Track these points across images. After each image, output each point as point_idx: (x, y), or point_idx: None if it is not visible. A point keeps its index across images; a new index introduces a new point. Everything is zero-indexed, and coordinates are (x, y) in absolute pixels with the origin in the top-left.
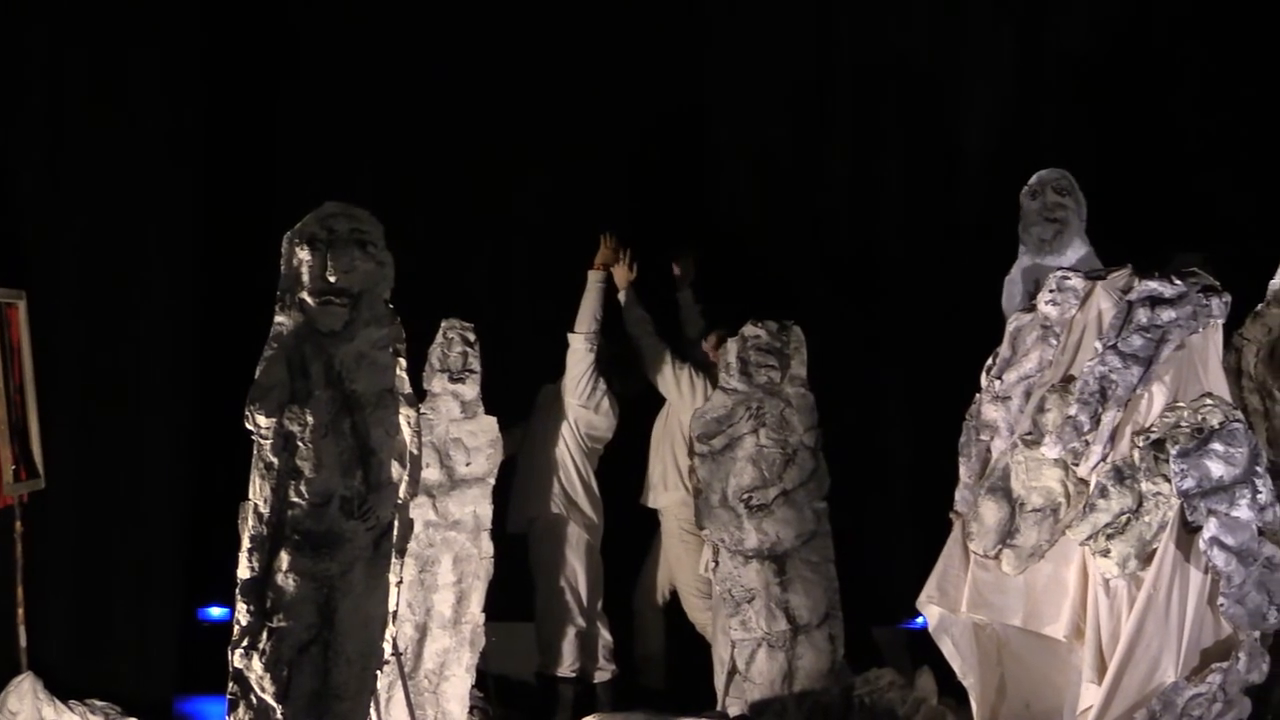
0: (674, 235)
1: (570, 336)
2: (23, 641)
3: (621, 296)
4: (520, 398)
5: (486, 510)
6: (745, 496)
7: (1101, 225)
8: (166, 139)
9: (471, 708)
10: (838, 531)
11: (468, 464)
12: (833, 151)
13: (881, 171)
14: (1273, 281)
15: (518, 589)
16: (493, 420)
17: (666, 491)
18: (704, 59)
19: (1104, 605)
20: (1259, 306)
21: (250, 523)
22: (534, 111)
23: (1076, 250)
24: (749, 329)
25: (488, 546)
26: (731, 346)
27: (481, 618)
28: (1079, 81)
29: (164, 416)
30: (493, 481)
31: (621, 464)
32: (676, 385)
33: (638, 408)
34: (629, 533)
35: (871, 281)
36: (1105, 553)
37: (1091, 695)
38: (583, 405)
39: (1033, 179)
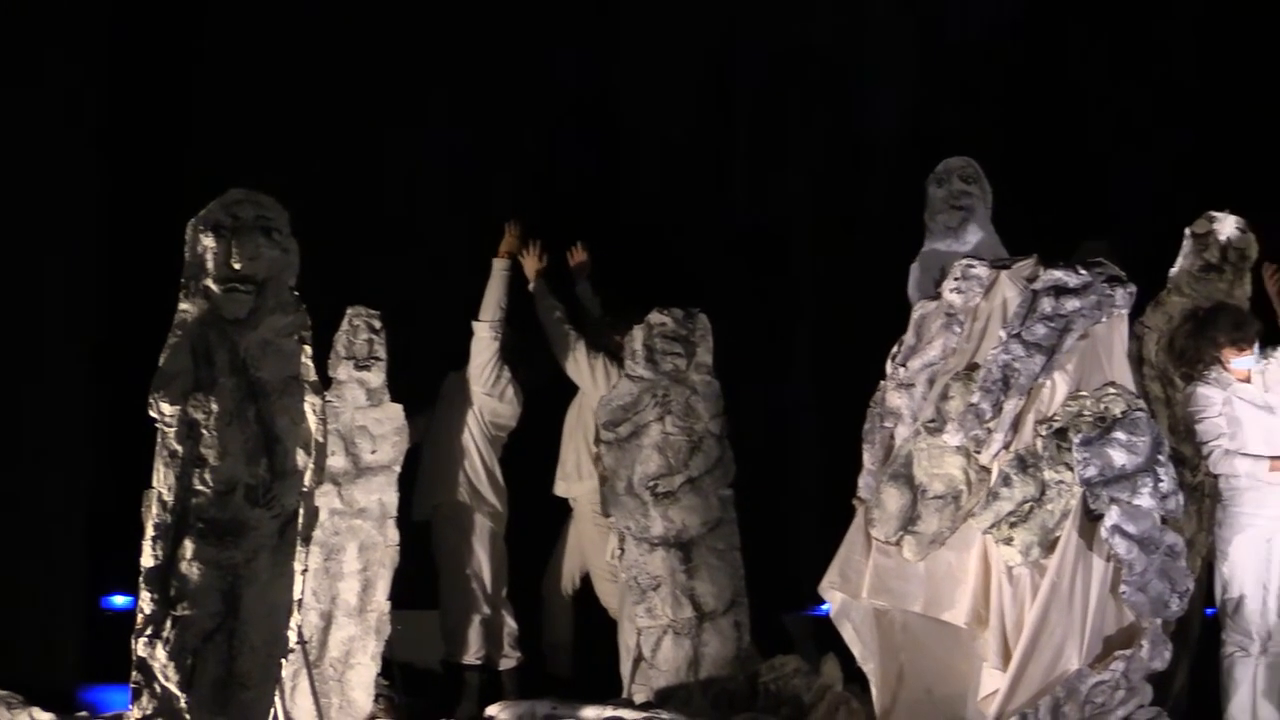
0: (581, 223)
1: (475, 325)
2: None
3: (532, 286)
4: (426, 385)
5: (392, 498)
6: (651, 484)
7: (1007, 213)
8: (68, 122)
9: (377, 696)
10: (743, 519)
11: (373, 451)
12: (739, 139)
13: (787, 159)
14: (1173, 270)
15: (423, 577)
16: (398, 408)
17: (580, 480)
18: (610, 46)
19: (1007, 593)
20: (1160, 295)
21: (154, 511)
22: (439, 97)
23: (982, 237)
24: (655, 316)
25: (393, 534)
26: (637, 334)
27: (387, 606)
28: (984, 68)
29: (66, 403)
30: (398, 469)
31: (527, 452)
32: (591, 374)
33: (543, 396)
34: (535, 520)
35: (777, 269)
36: (1008, 541)
37: (994, 681)
38: (487, 393)
39: (939, 166)
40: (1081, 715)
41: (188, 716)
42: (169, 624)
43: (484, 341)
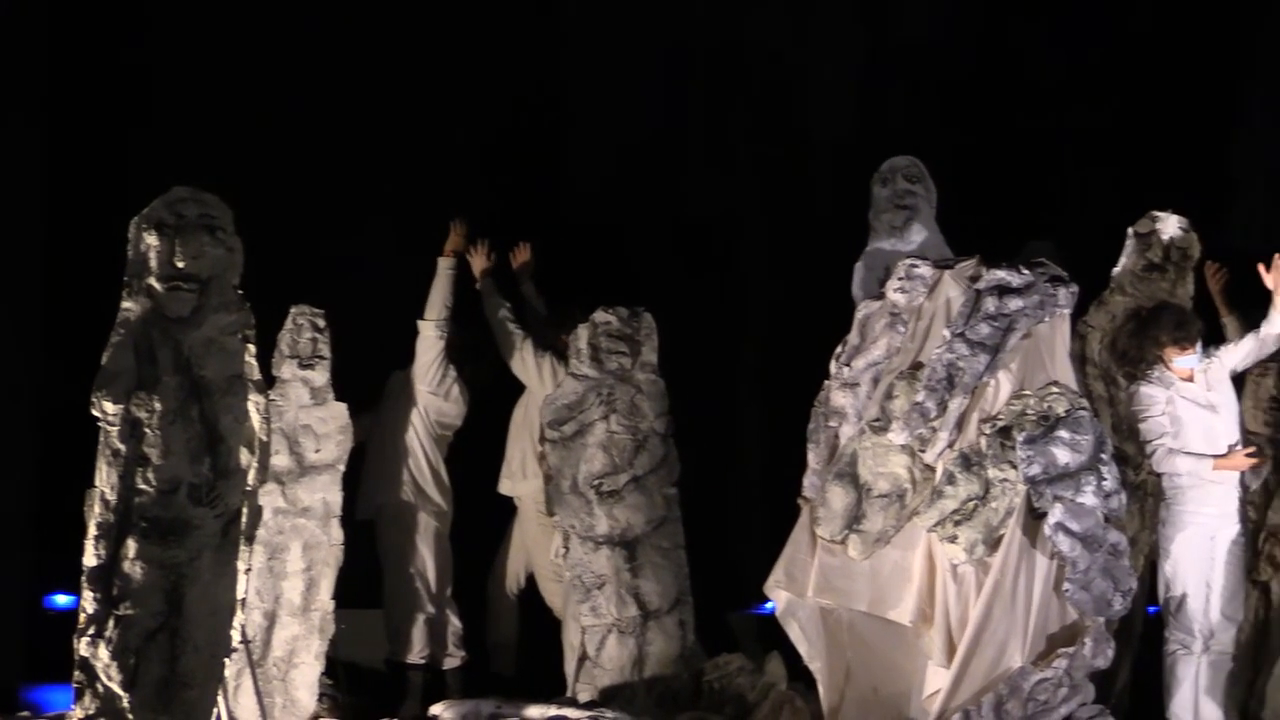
0: (527, 222)
1: (420, 323)
2: None
3: (478, 285)
4: (371, 384)
5: (336, 497)
6: (596, 483)
7: (952, 213)
8: (9, 120)
9: (320, 695)
10: (688, 517)
11: (317, 450)
12: (686, 138)
13: (733, 158)
14: (1116, 269)
15: (367, 576)
16: (342, 407)
17: (526, 479)
18: (557, 45)
19: (952, 591)
20: (1103, 294)
21: (97, 510)
22: (386, 95)
23: (926, 237)
24: (600, 315)
25: (337, 533)
26: (582, 332)
27: (331, 605)
28: (929, 68)
29: (9, 402)
30: (342, 468)
31: (472, 451)
32: (537, 373)
33: (488, 395)
34: (480, 520)
35: (723, 268)
36: (953, 539)
37: (939, 679)
38: (433, 392)
39: (883, 166)
40: (1024, 713)
41: (130, 716)
42: (112, 623)
43: (429, 340)
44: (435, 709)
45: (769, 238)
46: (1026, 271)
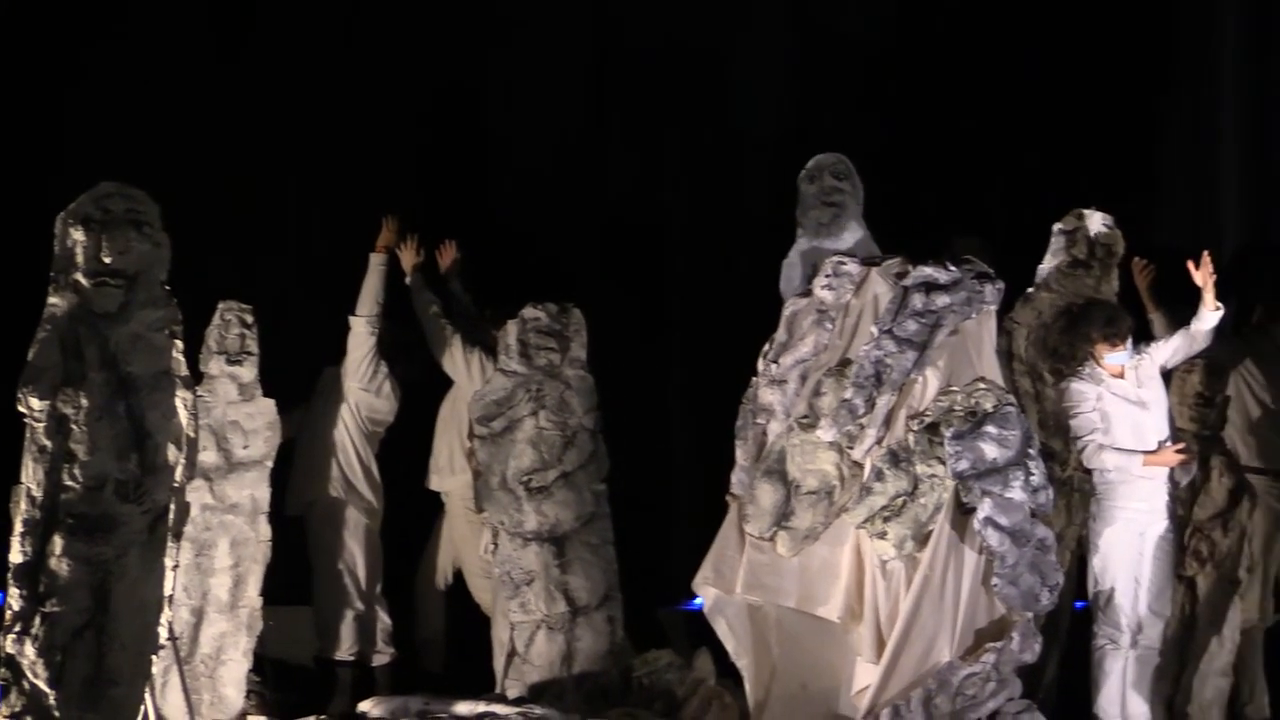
0: (457, 218)
1: (352, 319)
2: None
3: (409, 280)
4: (301, 380)
5: (264, 493)
6: (525, 479)
7: (880, 210)
8: None
9: (248, 692)
10: (617, 513)
11: (245, 447)
12: (615, 135)
13: (662, 155)
14: (1041, 266)
15: (296, 572)
16: (270, 403)
17: (453, 475)
18: (486, 41)
19: (881, 587)
20: (1029, 290)
21: (23, 506)
22: (315, 91)
23: (854, 234)
24: (528, 311)
25: (265, 530)
26: (511, 328)
27: (259, 602)
28: (858, 65)
29: None
30: (270, 464)
31: (403, 447)
32: (466, 369)
33: (420, 391)
34: (411, 516)
35: (651, 264)
36: (882, 535)
37: (868, 676)
38: (364, 388)
39: (810, 163)
40: (952, 707)
41: (57, 714)
42: (38, 620)
43: (360, 336)
44: (364, 706)
45: (697, 234)
46: (953, 268)
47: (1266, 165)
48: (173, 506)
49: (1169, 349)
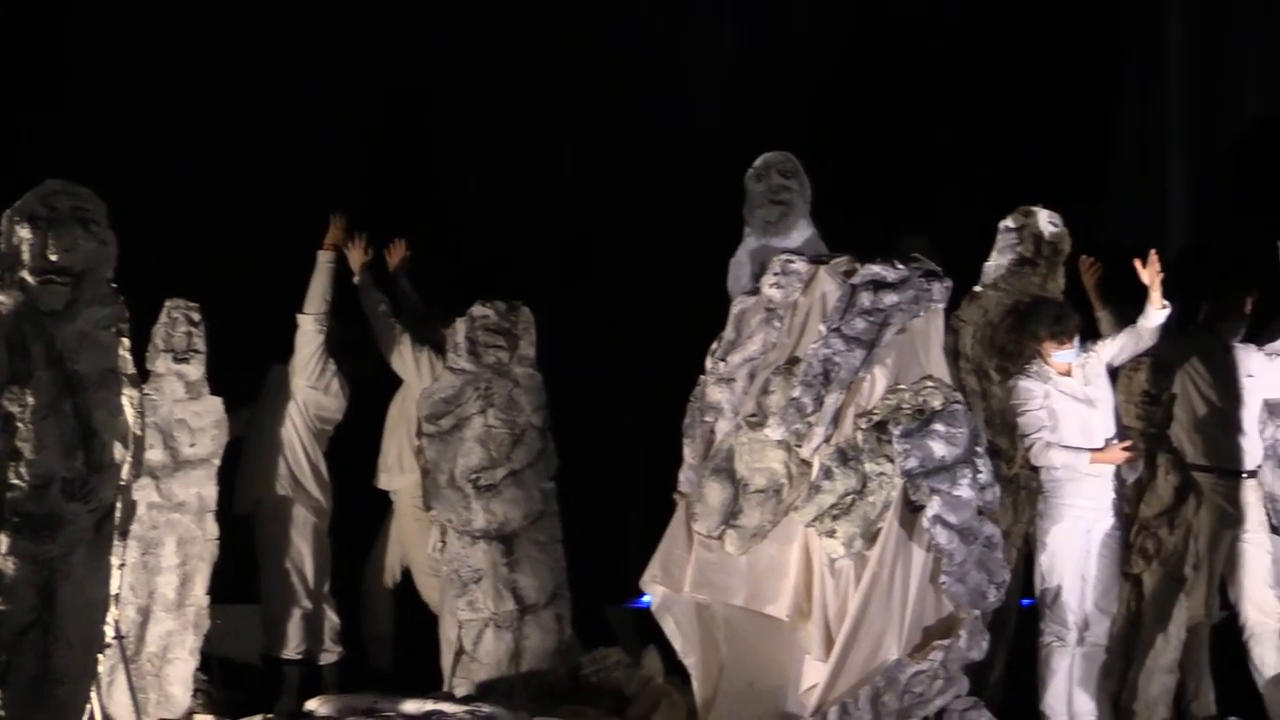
0: (405, 217)
1: (300, 317)
2: None
3: (357, 279)
4: (249, 378)
5: (211, 492)
6: (473, 477)
7: (829, 208)
8: None
9: (195, 691)
10: (566, 511)
11: (192, 445)
12: (563, 133)
13: (611, 153)
14: (988, 264)
15: (244, 571)
16: (217, 401)
17: (402, 473)
18: (434, 38)
19: (830, 585)
20: (976, 288)
21: None
22: (262, 88)
23: (802, 232)
24: (477, 309)
25: (212, 528)
26: (460, 326)
27: (205, 600)
28: (807, 63)
29: None
30: (218, 463)
31: (352, 446)
32: (415, 367)
33: (369, 390)
34: (359, 515)
35: (600, 263)
36: (831, 533)
37: (816, 674)
38: (312, 386)
39: (757, 161)
40: (900, 705)
41: (3, 713)
42: None
43: (309, 334)
44: (311, 704)
45: (645, 232)
46: (901, 266)
47: (1213, 164)
48: (119, 505)
49: (1115, 347)
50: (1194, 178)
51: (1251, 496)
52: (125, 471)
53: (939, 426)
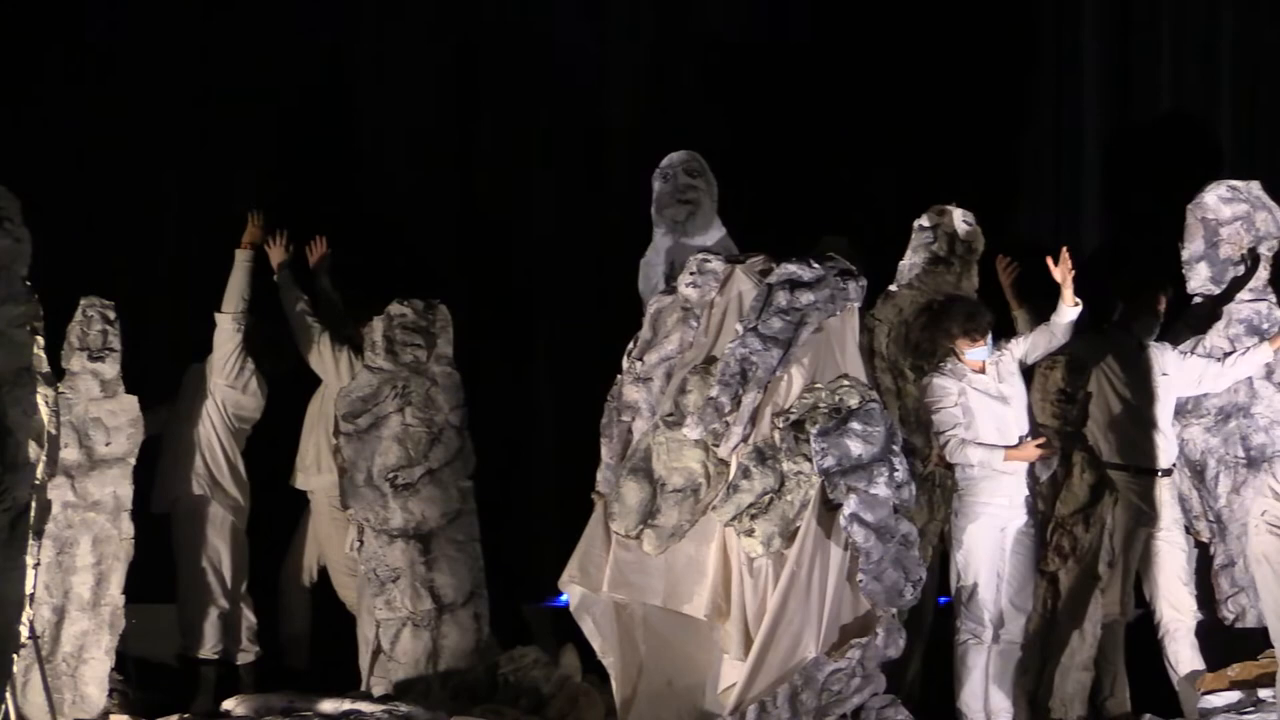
0: (325, 215)
1: (218, 316)
2: None
3: (276, 277)
4: (165, 377)
5: (127, 491)
6: (391, 476)
7: (748, 208)
8: None
9: (110, 691)
10: (483, 510)
11: (107, 444)
12: (480, 131)
13: (528, 151)
14: (903, 262)
15: (160, 570)
16: (133, 399)
17: (320, 473)
18: (352, 35)
19: (748, 584)
20: (890, 287)
21: None
22: (180, 85)
23: (717, 231)
24: (395, 307)
25: (128, 528)
26: (377, 325)
27: (121, 600)
28: (722, 62)
29: None
30: (133, 461)
31: (270, 445)
32: (334, 366)
33: (287, 388)
34: (277, 514)
35: (517, 261)
36: (750, 532)
37: (734, 673)
38: (230, 385)
39: (663, 161)
40: (818, 703)
41: None
42: None
43: (227, 333)
44: (228, 704)
45: (562, 231)
46: (817, 265)
47: (1127, 162)
48: (34, 504)
49: (1029, 344)
50: (1108, 175)
51: (1166, 494)
52: (40, 471)
53: (856, 425)
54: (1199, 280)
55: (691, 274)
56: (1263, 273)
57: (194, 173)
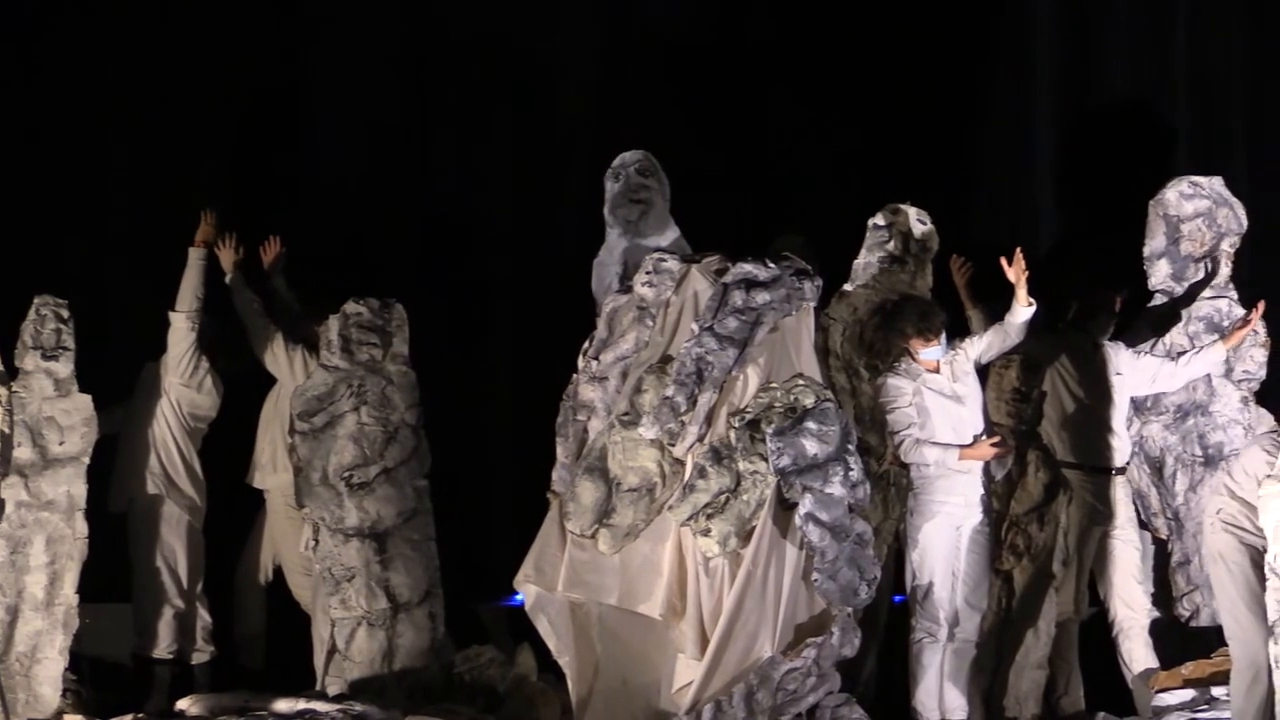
0: (280, 214)
1: (171, 315)
2: None
3: (229, 278)
4: (119, 376)
5: (81, 490)
6: (346, 475)
7: (703, 208)
8: None
9: (65, 690)
10: (439, 509)
11: (61, 443)
12: (435, 130)
13: (484, 150)
14: (856, 262)
15: (115, 569)
16: (87, 398)
17: (275, 472)
18: (304, 35)
19: (704, 584)
20: (845, 286)
21: None
22: (133, 83)
23: (673, 231)
24: (350, 306)
25: (82, 527)
26: (333, 324)
27: (75, 599)
28: (677, 62)
29: None
30: (87, 460)
31: (225, 444)
32: (289, 366)
33: (243, 387)
34: (233, 513)
35: (473, 261)
36: (706, 532)
37: (690, 672)
38: (185, 384)
39: (615, 161)
40: (774, 702)
41: None
42: None
43: (181, 332)
44: (182, 704)
45: (518, 230)
46: (773, 265)
47: (1081, 162)
48: None
49: (983, 344)
50: (1063, 175)
51: (1120, 493)
52: None
53: (811, 424)
54: (1159, 277)
55: (647, 273)
56: (1224, 270)
57: (148, 171)
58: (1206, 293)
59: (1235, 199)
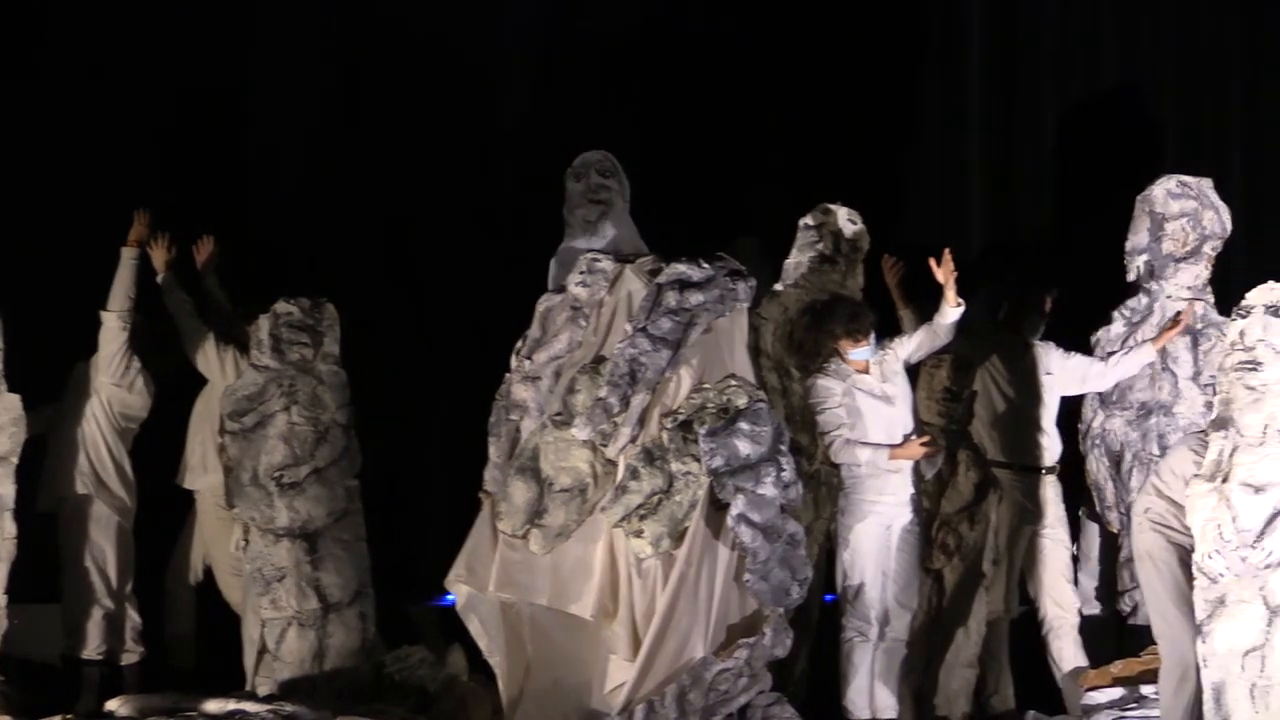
0: (212, 214)
1: (103, 314)
2: None
3: (160, 278)
4: (49, 375)
5: (9, 490)
6: (277, 474)
7: (657, 210)
8: None
9: None
10: (370, 509)
11: None
12: (372, 129)
13: (421, 150)
14: (787, 261)
15: (44, 570)
16: (15, 398)
17: (206, 473)
18: (239, 33)
19: (637, 585)
20: (775, 286)
21: None
22: (65, 82)
23: (618, 231)
24: (281, 305)
25: (10, 527)
26: (263, 323)
27: (3, 599)
28: (614, 63)
29: None
30: (15, 460)
31: (156, 444)
32: (220, 366)
33: (174, 387)
34: (163, 513)
35: (407, 260)
36: (639, 533)
37: (622, 673)
38: (116, 384)
39: (576, 161)
40: (705, 702)
41: None
42: None
43: (112, 331)
44: (112, 704)
45: (451, 229)
46: (706, 266)
47: (1013, 161)
48: None
49: (912, 344)
50: (994, 175)
51: (1050, 492)
52: None
53: (744, 425)
54: (1137, 272)
55: (581, 273)
56: (1204, 272)
57: (79, 170)
58: (1183, 293)
59: (1222, 203)
